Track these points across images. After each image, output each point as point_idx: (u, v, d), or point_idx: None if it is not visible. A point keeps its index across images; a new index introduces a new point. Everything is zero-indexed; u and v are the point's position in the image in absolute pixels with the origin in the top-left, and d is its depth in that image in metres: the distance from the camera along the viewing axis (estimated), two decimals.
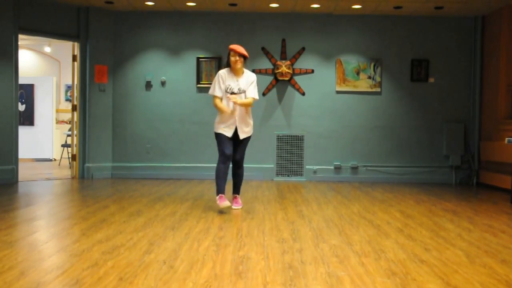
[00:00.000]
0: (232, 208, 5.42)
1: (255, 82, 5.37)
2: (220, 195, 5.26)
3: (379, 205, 5.92)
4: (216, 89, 5.32)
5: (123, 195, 6.42)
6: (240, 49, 5.24)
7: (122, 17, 8.52)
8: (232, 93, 5.25)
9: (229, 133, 5.32)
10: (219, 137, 5.34)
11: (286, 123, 8.56)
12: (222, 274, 3.05)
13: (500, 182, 7.50)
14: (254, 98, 5.33)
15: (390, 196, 6.71)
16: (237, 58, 5.22)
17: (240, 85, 5.29)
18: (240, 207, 5.53)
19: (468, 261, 3.45)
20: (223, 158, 5.29)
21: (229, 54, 5.28)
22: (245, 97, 5.31)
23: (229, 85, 5.28)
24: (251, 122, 5.47)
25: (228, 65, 5.37)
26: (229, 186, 5.57)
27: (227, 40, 8.50)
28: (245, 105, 5.30)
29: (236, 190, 5.62)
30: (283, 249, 3.71)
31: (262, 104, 8.37)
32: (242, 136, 5.35)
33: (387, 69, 8.55)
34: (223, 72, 5.35)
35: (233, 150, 5.38)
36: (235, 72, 5.31)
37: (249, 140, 5.49)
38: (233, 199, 5.58)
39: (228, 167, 5.33)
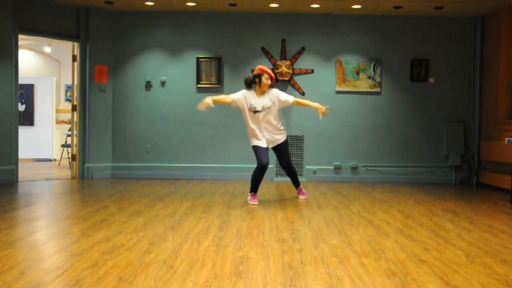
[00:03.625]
0: (299, 199, 6.23)
1: (280, 92, 5.79)
2: (252, 193, 5.86)
3: (379, 205, 5.92)
4: (239, 97, 5.66)
5: (123, 195, 6.42)
6: (271, 73, 5.66)
7: (122, 17, 8.53)
8: (256, 111, 5.61)
9: (263, 144, 5.73)
10: (254, 148, 5.77)
11: (286, 123, 8.53)
12: (222, 274, 3.05)
13: (500, 182, 7.50)
14: (293, 99, 5.82)
15: (390, 196, 6.72)
16: (269, 82, 5.60)
17: (263, 103, 5.64)
18: (306, 197, 6.29)
19: (468, 261, 3.45)
20: (260, 168, 5.72)
21: (260, 75, 5.58)
22: (267, 114, 5.69)
23: (252, 104, 5.63)
24: (281, 128, 5.84)
25: (251, 83, 5.68)
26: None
27: (227, 40, 8.53)
28: (311, 105, 5.83)
29: (296, 183, 6.25)
30: (283, 249, 3.71)
31: None
32: (271, 145, 5.80)
33: (387, 69, 8.55)
34: (247, 92, 5.69)
35: (278, 158, 6.00)
36: (259, 92, 5.66)
37: (286, 144, 5.91)
38: (298, 192, 6.31)
39: (263, 175, 5.78)
